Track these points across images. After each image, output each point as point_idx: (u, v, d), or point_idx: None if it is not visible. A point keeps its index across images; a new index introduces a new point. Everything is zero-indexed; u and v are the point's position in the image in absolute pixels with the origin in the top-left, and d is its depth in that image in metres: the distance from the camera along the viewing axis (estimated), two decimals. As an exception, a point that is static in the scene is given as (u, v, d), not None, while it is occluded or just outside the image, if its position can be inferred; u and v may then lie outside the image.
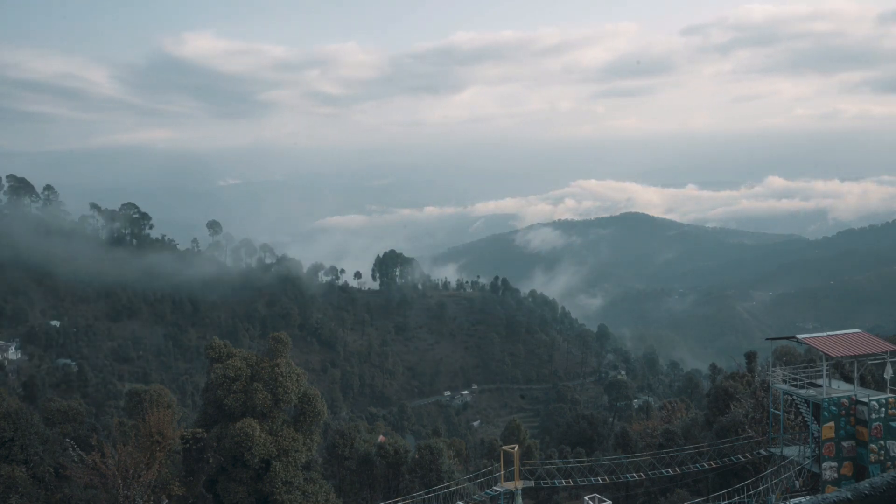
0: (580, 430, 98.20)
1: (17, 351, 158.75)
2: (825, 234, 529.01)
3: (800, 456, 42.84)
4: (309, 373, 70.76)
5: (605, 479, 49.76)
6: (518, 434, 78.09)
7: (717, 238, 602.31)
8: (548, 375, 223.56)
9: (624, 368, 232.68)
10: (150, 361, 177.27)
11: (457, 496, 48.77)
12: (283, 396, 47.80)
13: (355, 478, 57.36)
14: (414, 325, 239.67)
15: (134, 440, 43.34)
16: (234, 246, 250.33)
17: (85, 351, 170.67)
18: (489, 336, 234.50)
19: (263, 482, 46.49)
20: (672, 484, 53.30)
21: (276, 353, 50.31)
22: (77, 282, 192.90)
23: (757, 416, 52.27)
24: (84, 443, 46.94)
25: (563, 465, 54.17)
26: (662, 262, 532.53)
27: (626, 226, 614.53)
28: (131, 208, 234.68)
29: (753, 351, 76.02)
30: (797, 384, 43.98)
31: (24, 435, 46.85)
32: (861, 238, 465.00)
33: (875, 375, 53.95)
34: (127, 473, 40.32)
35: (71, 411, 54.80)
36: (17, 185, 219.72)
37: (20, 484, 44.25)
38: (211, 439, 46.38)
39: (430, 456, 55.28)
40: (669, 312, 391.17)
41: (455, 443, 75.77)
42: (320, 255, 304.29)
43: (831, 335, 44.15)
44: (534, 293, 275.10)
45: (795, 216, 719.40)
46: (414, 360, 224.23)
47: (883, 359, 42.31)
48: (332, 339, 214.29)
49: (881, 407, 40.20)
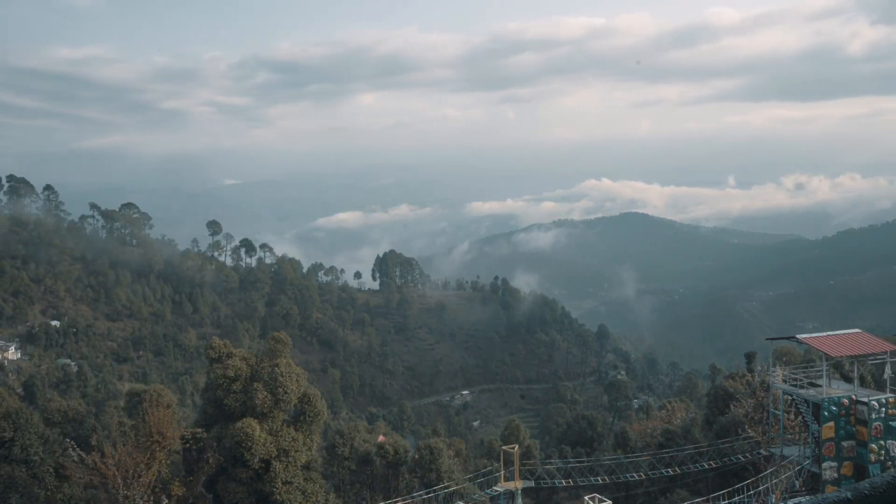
0: (580, 430, 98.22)
1: (17, 351, 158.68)
2: (825, 234, 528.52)
3: (800, 456, 42.85)
4: (309, 373, 70.78)
5: (605, 479, 49.79)
6: (518, 434, 78.03)
7: (717, 238, 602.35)
8: (548, 375, 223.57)
9: (624, 368, 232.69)
10: (150, 361, 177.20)
11: (457, 496, 48.78)
12: (283, 396, 47.79)
13: (355, 478, 57.39)
14: (414, 325, 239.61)
15: (134, 440, 43.31)
16: (234, 246, 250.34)
17: (85, 351, 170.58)
18: (489, 336, 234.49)
19: (263, 482, 46.48)
20: (672, 484, 53.32)
21: (276, 353, 50.30)
22: (77, 282, 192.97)
23: (757, 416, 52.32)
24: (84, 443, 46.92)
25: (563, 465, 54.23)
26: (662, 262, 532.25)
27: (627, 226, 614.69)
28: (131, 208, 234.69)
29: (753, 351, 76.17)
30: (797, 384, 43.98)
31: (24, 435, 46.85)
32: (861, 238, 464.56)
33: (875, 375, 53.98)
34: (127, 473, 40.31)
35: (71, 411, 54.80)
36: (17, 185, 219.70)
37: (20, 484, 44.26)
38: (211, 439, 46.37)
39: (429, 456, 55.27)
40: (669, 312, 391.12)
41: (455, 443, 75.71)
42: (320, 255, 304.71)
43: (831, 335, 44.15)
44: (534, 293, 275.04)
45: (795, 216, 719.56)
46: (414, 360, 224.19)
47: (883, 359, 42.32)
48: (332, 339, 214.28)
49: (881, 407, 40.19)
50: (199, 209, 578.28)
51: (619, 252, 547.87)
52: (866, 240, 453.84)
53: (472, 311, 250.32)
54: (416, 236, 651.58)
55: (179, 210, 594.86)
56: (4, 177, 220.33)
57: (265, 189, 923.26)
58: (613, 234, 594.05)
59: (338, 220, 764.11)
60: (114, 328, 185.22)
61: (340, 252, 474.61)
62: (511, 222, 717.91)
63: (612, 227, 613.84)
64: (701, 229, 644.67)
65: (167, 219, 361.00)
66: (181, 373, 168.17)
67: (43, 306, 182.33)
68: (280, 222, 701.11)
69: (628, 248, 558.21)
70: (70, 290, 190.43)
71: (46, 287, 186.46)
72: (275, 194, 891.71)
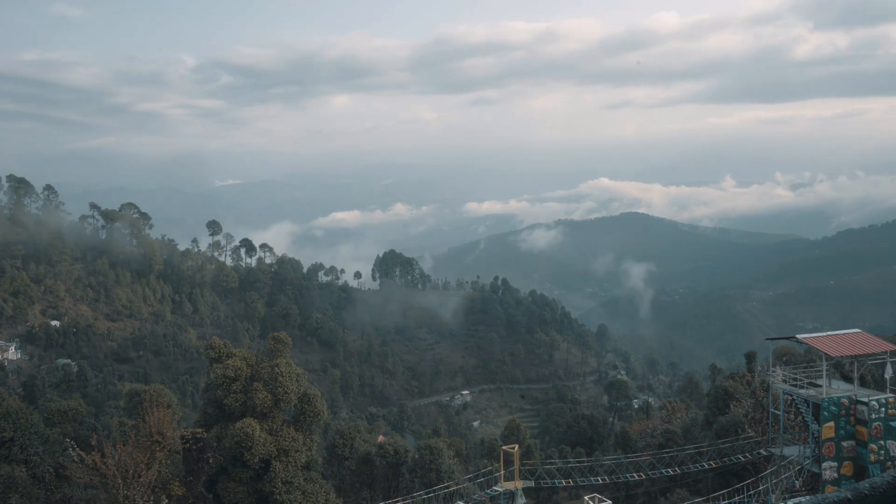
0: (580, 430, 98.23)
1: (17, 351, 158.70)
2: (825, 234, 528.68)
3: (800, 456, 42.85)
4: (309, 373, 70.77)
5: (605, 479, 49.78)
6: (518, 434, 78.06)
7: (717, 238, 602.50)
8: (548, 375, 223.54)
9: (624, 368, 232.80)
10: (150, 361, 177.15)
11: (457, 496, 48.78)
12: (283, 396, 47.79)
13: (355, 478, 57.36)
14: (414, 325, 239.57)
15: (134, 440, 43.31)
16: (234, 246, 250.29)
17: (85, 351, 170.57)
18: (489, 336, 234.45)
19: (263, 482, 46.49)
20: (672, 484, 53.29)
21: (276, 353, 50.30)
22: (77, 282, 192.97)
23: (757, 416, 52.30)
24: (84, 443, 46.88)
25: (563, 465, 54.22)
26: (662, 261, 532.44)
27: (626, 226, 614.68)
28: (131, 208, 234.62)
29: (753, 351, 76.16)
30: (797, 384, 43.98)
31: (24, 435, 46.85)
32: (861, 238, 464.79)
33: (875, 375, 53.98)
34: (127, 473, 40.31)
35: (71, 411, 54.77)
36: (17, 185, 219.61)
37: (20, 484, 44.25)
38: (211, 439, 46.37)
39: (430, 456, 55.28)
40: (669, 312, 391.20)
41: (455, 443, 75.79)
42: (320, 255, 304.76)
43: (831, 335, 44.18)
44: (534, 293, 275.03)
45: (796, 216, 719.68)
46: (414, 360, 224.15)
47: (883, 359, 42.33)
48: (332, 339, 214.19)
49: (881, 407, 40.21)
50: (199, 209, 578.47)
51: (620, 252, 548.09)
52: (866, 240, 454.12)
53: (472, 311, 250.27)
54: (415, 236, 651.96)
55: (179, 210, 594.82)
56: (4, 177, 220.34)
57: (265, 189, 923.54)
58: (613, 234, 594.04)
59: (337, 219, 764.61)
60: (114, 328, 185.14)
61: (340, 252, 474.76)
62: (511, 222, 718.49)
63: (612, 227, 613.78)
64: (701, 229, 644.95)
65: (167, 219, 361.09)
66: (181, 373, 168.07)
67: (43, 306, 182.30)
68: (280, 222, 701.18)
69: (628, 249, 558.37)
70: (70, 290, 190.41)
71: (46, 287, 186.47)
72: (274, 194, 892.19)
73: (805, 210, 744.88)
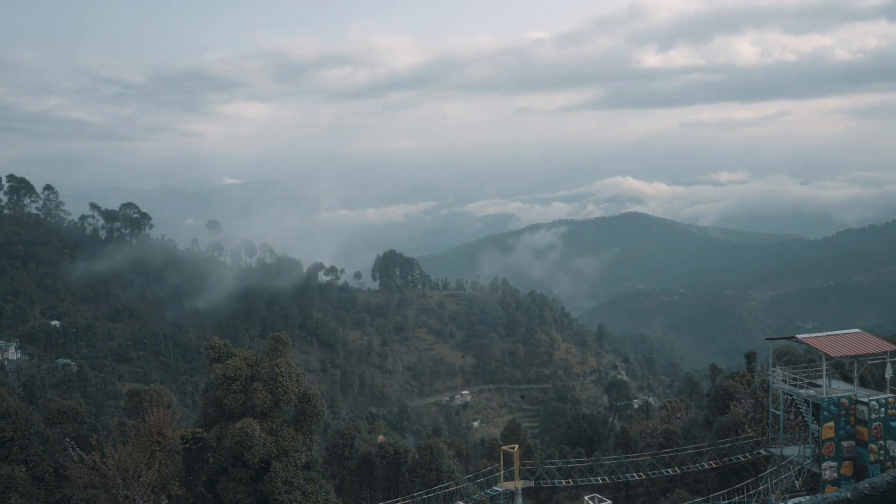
0: (580, 430, 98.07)
1: (17, 351, 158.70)
2: (825, 234, 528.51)
3: (800, 456, 42.86)
4: (309, 373, 70.79)
5: (605, 479, 49.75)
6: (518, 434, 78.03)
7: (716, 238, 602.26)
8: (548, 375, 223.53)
9: (624, 368, 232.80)
10: (150, 361, 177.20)
11: (457, 496, 48.78)
12: (283, 396, 47.78)
13: (355, 478, 57.35)
14: (414, 325, 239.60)
15: (134, 440, 43.30)
16: (234, 246, 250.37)
17: (85, 351, 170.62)
18: (489, 336, 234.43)
19: (263, 482, 46.49)
20: (672, 484, 53.29)
21: (276, 352, 50.28)
22: (77, 282, 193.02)
23: (757, 416, 52.35)
24: (84, 443, 46.91)
25: (563, 465, 54.18)
26: (662, 261, 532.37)
27: (626, 225, 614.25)
28: (131, 208, 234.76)
29: (753, 351, 76.10)
30: (797, 384, 43.99)
31: (24, 435, 46.84)
32: (861, 238, 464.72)
33: (875, 375, 53.95)
34: (127, 473, 40.31)
35: (71, 411, 54.74)
36: (17, 185, 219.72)
37: (20, 484, 44.24)
38: (211, 439, 46.37)
39: (430, 456, 55.26)
40: (669, 312, 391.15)
41: (455, 443, 75.71)
42: (320, 255, 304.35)
43: (831, 335, 44.19)
44: (534, 293, 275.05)
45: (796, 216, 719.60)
46: (414, 360, 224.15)
47: (883, 359, 42.33)
48: (332, 339, 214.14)
49: (881, 407, 40.22)
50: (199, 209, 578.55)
51: (619, 251, 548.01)
52: (866, 240, 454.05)
53: (472, 311, 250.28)
54: (415, 236, 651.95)
55: (179, 210, 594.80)
56: (4, 177, 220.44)
57: (264, 189, 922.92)
58: (613, 234, 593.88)
59: (338, 219, 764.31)
60: (114, 328, 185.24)
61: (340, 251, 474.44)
62: (510, 222, 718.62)
63: (612, 227, 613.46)
64: (701, 229, 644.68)
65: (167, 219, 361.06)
66: (181, 373, 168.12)
67: (43, 306, 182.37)
68: (280, 222, 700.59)
69: (628, 248, 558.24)
70: (70, 290, 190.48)
71: (46, 287, 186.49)
72: (274, 194, 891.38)
73: (805, 210, 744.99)
